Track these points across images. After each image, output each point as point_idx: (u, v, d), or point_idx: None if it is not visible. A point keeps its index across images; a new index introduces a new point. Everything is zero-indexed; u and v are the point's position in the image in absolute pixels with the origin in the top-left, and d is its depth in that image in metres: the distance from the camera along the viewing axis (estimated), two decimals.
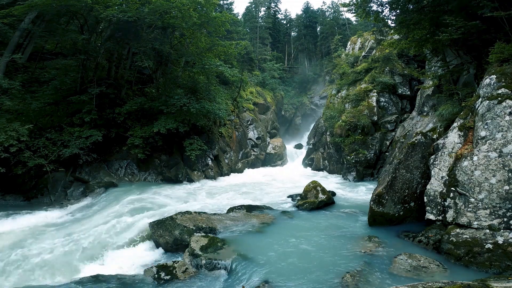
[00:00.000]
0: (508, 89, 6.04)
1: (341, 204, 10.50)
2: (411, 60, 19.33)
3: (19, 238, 7.94)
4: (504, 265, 5.04)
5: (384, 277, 5.05)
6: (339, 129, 18.22)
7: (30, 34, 13.83)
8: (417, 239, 6.49)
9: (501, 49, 6.81)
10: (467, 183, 5.98)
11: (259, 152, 23.59)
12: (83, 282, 5.46)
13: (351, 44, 26.84)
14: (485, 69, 7.85)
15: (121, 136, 14.37)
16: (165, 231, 7.25)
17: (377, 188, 7.91)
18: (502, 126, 5.82)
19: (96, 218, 9.31)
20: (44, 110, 12.77)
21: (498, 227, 5.45)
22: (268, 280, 4.99)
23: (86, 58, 14.11)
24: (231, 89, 24.35)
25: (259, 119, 26.58)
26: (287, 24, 54.14)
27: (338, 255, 5.97)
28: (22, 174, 11.28)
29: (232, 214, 8.73)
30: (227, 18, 16.79)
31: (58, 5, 12.14)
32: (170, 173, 14.98)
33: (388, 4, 11.12)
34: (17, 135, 10.38)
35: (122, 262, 6.72)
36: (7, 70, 12.54)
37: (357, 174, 16.68)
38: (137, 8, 13.41)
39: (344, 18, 45.24)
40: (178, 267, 5.76)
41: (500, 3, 7.38)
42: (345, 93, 20.58)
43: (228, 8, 38.23)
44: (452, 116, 9.02)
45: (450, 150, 6.73)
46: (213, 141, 17.90)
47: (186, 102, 14.56)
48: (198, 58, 16.85)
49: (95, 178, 13.18)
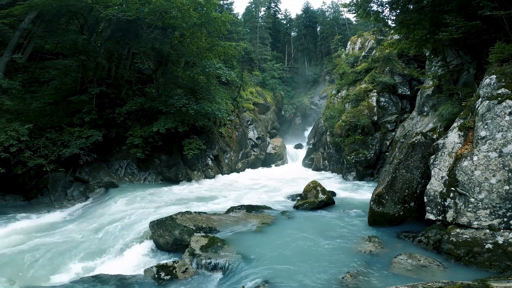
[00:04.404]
0: (508, 89, 6.04)
1: (341, 204, 10.50)
2: (411, 60, 19.33)
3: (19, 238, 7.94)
4: (504, 265, 5.04)
5: (384, 277, 5.05)
6: (339, 129, 18.22)
7: (30, 34, 13.84)
8: (417, 239, 6.49)
9: (501, 49, 6.80)
10: (467, 183, 5.98)
11: (259, 152, 23.59)
12: (83, 282, 5.46)
13: (351, 44, 26.83)
14: (485, 69, 7.85)
15: (121, 136, 14.38)
16: (165, 231, 7.24)
17: (377, 188, 7.91)
18: (502, 126, 5.82)
19: (96, 218, 9.31)
20: (44, 110, 12.78)
21: (498, 227, 5.44)
22: (268, 280, 4.99)
23: (86, 58, 14.11)
24: (231, 89, 24.36)
25: (259, 119, 26.58)
26: (287, 24, 54.16)
27: (338, 255, 5.97)
28: (22, 174, 11.28)
29: (232, 214, 8.73)
30: (227, 18, 16.79)
31: (58, 5, 12.15)
32: (170, 173, 14.99)
33: (388, 4, 11.12)
34: (17, 135, 10.38)
35: (122, 262, 6.71)
36: (7, 70, 12.54)
37: (357, 174, 16.67)
38: (137, 8, 13.41)
39: (344, 18, 45.27)
40: (178, 267, 5.76)
41: (500, 3, 7.37)
42: (345, 93, 20.58)
43: (228, 8, 38.23)
44: (452, 116, 9.01)
45: (450, 150, 6.73)
46: (213, 141, 17.90)
47: (185, 103, 14.57)
48: (198, 58, 16.85)
49: (95, 178, 13.18)
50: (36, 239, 7.77)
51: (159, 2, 13.33)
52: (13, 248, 7.23)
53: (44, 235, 8.11)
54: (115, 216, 9.21)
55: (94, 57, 14.51)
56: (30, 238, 7.92)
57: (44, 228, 8.84)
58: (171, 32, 16.19)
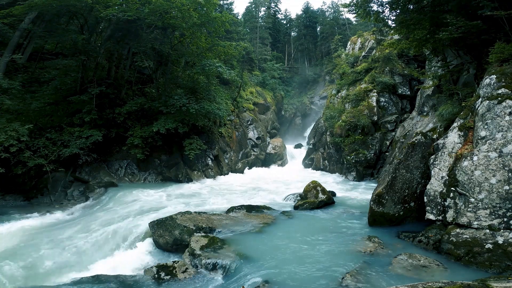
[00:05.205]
0: (508, 89, 6.04)
1: (341, 204, 10.50)
2: (411, 60, 19.34)
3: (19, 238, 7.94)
4: (504, 265, 5.04)
5: (384, 277, 5.05)
6: (339, 129, 18.22)
7: (30, 34, 13.83)
8: (417, 239, 6.49)
9: (501, 49, 6.80)
10: (467, 183, 5.98)
11: (259, 152, 23.59)
12: (83, 282, 5.46)
13: (351, 44, 26.83)
14: (485, 69, 7.85)
15: (121, 136, 14.37)
16: (165, 231, 7.24)
17: (377, 188, 7.91)
18: (502, 126, 5.82)
19: (96, 218, 9.30)
20: (44, 110, 12.77)
21: (498, 227, 5.44)
22: (268, 280, 4.99)
23: (86, 58, 14.10)
24: (231, 89, 24.36)
25: (259, 119, 26.58)
26: (287, 24, 54.13)
27: (338, 255, 5.97)
28: (22, 174, 11.28)
29: (232, 214, 8.73)
30: (227, 19, 16.80)
31: (58, 5, 12.14)
32: (170, 173, 14.98)
33: (388, 4, 11.12)
34: (17, 135, 10.38)
35: (122, 262, 6.71)
36: (7, 70, 12.53)
37: (357, 174, 16.68)
38: (137, 8, 13.40)
39: (344, 18, 45.25)
40: (178, 267, 5.76)
41: (500, 3, 7.37)
42: (345, 93, 20.58)
43: (228, 8, 38.22)
44: (452, 116, 9.02)
45: (450, 150, 6.73)
46: (213, 141, 17.89)
47: (185, 102, 14.56)
48: (198, 58, 16.85)
49: (95, 178, 13.18)
50: (36, 239, 7.77)
51: (159, 2, 13.33)
52: (13, 248, 7.22)
53: (44, 235, 8.10)
54: (115, 216, 9.20)
55: (94, 57, 14.50)
56: (30, 238, 7.92)
57: (44, 228, 8.83)
58: (171, 32, 16.18)
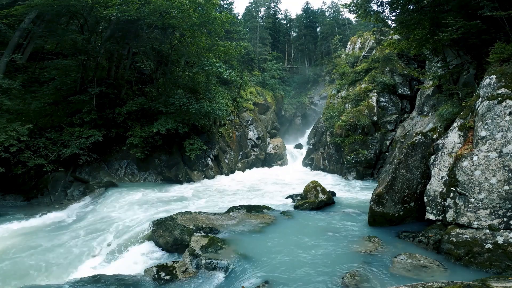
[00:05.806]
0: (508, 89, 6.04)
1: (341, 204, 10.50)
2: (411, 60, 19.33)
3: (19, 238, 7.94)
4: (504, 265, 5.04)
5: (384, 277, 5.05)
6: (339, 129, 18.22)
7: (30, 34, 13.83)
8: (417, 239, 6.48)
9: (501, 49, 6.80)
10: (467, 183, 5.98)
11: (259, 152, 23.58)
12: (83, 282, 5.45)
13: (351, 44, 26.84)
14: (485, 69, 7.85)
15: (121, 136, 14.38)
16: (165, 231, 7.24)
17: (377, 188, 7.91)
18: (502, 126, 5.82)
19: (96, 218, 9.31)
20: (44, 110, 12.78)
21: (498, 227, 5.44)
22: (268, 280, 4.99)
23: (86, 58, 14.11)
24: (231, 89, 24.35)
25: (259, 119, 26.57)
26: (287, 24, 54.12)
27: (338, 255, 5.96)
28: (22, 174, 11.29)
29: (232, 214, 8.73)
30: (227, 19, 16.80)
31: (58, 5, 12.15)
32: (170, 173, 14.98)
33: (389, 4, 11.13)
34: (17, 135, 10.39)
35: (122, 262, 6.72)
36: (7, 70, 12.53)
37: (357, 174, 16.67)
38: (137, 8, 13.41)
39: (344, 18, 45.26)
40: (178, 267, 5.75)
41: (500, 3, 7.38)
42: (345, 93, 20.57)
43: (228, 8, 38.22)
44: (452, 116, 9.02)
45: (450, 150, 6.73)
46: (213, 141, 17.89)
47: (185, 101, 14.57)
48: (198, 58, 16.86)
49: (95, 178, 13.18)
50: (36, 239, 7.77)
51: (159, 2, 13.34)
52: (13, 248, 7.23)
53: (44, 235, 8.10)
54: (115, 216, 9.21)
55: (94, 57, 14.51)
56: (30, 238, 7.92)
57: (44, 228, 8.84)
58: (171, 32, 16.19)
